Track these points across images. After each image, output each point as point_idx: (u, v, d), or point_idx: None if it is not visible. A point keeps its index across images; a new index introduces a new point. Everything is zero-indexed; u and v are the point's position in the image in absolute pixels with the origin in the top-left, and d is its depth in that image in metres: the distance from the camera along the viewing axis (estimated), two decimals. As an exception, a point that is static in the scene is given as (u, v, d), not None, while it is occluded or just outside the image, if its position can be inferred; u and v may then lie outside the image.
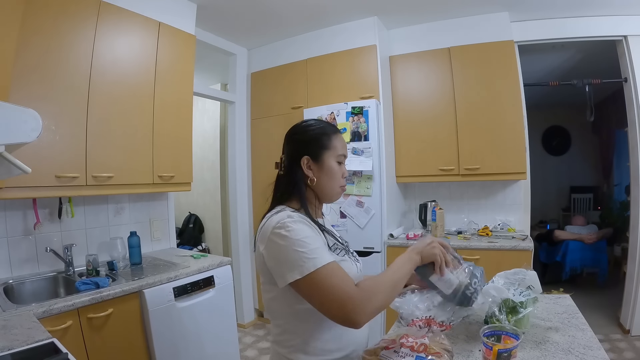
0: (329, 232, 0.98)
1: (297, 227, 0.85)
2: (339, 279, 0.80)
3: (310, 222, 0.91)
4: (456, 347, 0.98)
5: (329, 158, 0.98)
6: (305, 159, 0.97)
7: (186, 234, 4.37)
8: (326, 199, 1.02)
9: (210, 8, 2.59)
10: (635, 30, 2.72)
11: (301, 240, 0.82)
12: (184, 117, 2.35)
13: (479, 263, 2.41)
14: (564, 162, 5.83)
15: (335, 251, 0.93)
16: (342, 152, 1.01)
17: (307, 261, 0.80)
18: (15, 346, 1.04)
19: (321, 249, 0.84)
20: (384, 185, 2.66)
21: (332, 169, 0.98)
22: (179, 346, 1.80)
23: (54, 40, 1.70)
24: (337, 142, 1.00)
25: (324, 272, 0.80)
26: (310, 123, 1.03)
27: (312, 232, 0.87)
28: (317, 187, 0.98)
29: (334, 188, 1.00)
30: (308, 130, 1.01)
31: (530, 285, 1.08)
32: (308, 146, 0.98)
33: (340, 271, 0.83)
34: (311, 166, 0.98)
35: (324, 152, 0.98)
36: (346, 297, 0.78)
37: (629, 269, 2.86)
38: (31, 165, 0.99)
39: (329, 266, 0.82)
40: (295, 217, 0.88)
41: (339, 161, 1.00)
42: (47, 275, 1.85)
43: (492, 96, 2.70)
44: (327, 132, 1.00)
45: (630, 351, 2.53)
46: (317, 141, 0.98)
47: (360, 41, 2.83)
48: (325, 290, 0.80)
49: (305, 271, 0.80)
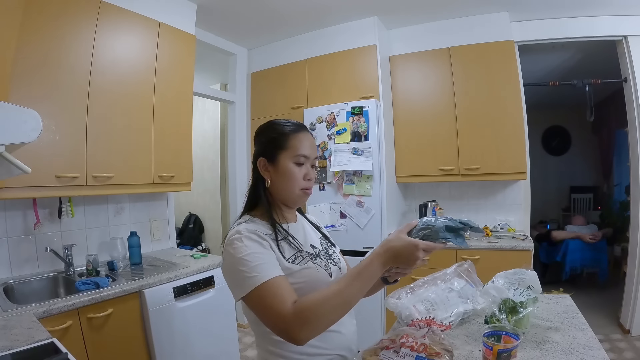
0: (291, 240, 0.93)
1: (242, 244, 0.83)
2: (275, 299, 0.77)
3: (260, 235, 0.87)
4: (456, 347, 0.98)
5: (285, 159, 0.93)
6: (262, 161, 0.95)
7: (186, 234, 4.37)
8: (287, 202, 0.97)
9: (210, 8, 2.59)
10: (635, 30, 2.72)
11: (243, 259, 0.81)
12: (184, 117, 2.35)
13: (479, 263, 2.42)
14: (564, 162, 5.82)
15: (295, 261, 0.89)
16: (303, 152, 0.93)
17: (246, 280, 0.80)
18: (15, 346, 1.04)
19: (263, 265, 0.81)
20: (384, 185, 2.66)
21: (288, 170, 0.92)
22: (179, 346, 1.80)
23: (54, 40, 1.70)
24: (295, 141, 0.94)
25: (262, 290, 0.78)
26: (274, 122, 0.99)
27: (258, 247, 0.84)
28: (274, 190, 0.95)
29: (292, 191, 0.94)
30: (267, 131, 0.98)
31: (530, 285, 1.08)
32: (264, 147, 0.96)
33: (279, 289, 0.79)
34: (268, 167, 0.95)
35: (279, 153, 0.93)
36: (278, 319, 0.76)
37: (629, 269, 2.86)
38: (31, 165, 1.00)
39: (268, 284, 0.79)
40: (243, 232, 0.85)
41: (298, 162, 0.93)
42: (47, 275, 1.85)
43: (492, 96, 2.69)
44: (286, 131, 0.95)
45: (630, 351, 2.53)
46: (273, 141, 0.95)
47: (360, 41, 2.83)
48: (262, 309, 0.79)
49: (246, 289, 0.80)
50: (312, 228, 1.07)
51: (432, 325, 0.99)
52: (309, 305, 0.76)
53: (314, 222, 1.12)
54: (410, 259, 0.80)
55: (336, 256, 1.03)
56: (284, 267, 0.86)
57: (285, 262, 0.87)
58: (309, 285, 0.87)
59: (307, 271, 0.89)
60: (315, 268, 0.91)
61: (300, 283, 0.87)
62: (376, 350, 0.87)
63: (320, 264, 0.94)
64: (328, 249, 1.04)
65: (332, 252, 1.03)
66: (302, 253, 0.93)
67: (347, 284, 0.79)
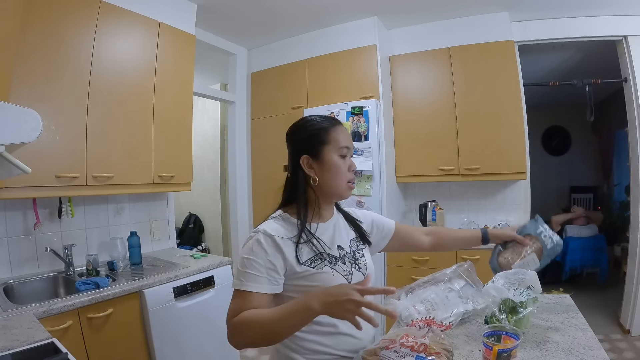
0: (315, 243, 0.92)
1: (251, 246, 0.88)
2: (235, 306, 0.85)
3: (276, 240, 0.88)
4: (456, 347, 0.98)
5: (330, 153, 0.93)
6: (305, 159, 0.94)
7: (186, 234, 4.37)
8: (334, 197, 0.98)
9: (210, 8, 2.59)
10: (635, 30, 2.72)
11: (244, 259, 0.88)
12: (184, 117, 2.35)
13: (479, 263, 2.40)
14: (564, 162, 5.82)
15: (312, 264, 0.90)
16: (345, 144, 0.95)
17: (236, 277, 0.88)
18: (15, 346, 1.04)
19: (251, 276, 0.85)
20: (384, 185, 2.66)
21: (335, 164, 0.93)
22: (179, 346, 1.80)
23: (54, 40, 1.70)
24: (336, 134, 0.95)
25: (235, 294, 0.87)
26: (307, 119, 0.99)
27: (262, 256, 0.87)
28: (322, 187, 0.94)
29: (340, 184, 0.94)
30: (304, 128, 0.97)
31: (530, 285, 1.08)
32: (306, 144, 0.95)
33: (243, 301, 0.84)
34: (312, 165, 0.94)
35: (323, 148, 0.93)
36: (226, 324, 0.86)
37: (629, 269, 2.86)
38: (31, 165, 0.99)
39: (244, 293, 0.85)
40: (260, 235, 0.89)
41: (342, 154, 0.94)
42: (47, 275, 1.85)
43: (492, 96, 2.70)
44: (324, 126, 0.95)
45: (630, 351, 2.53)
46: (314, 137, 0.94)
47: (360, 41, 2.83)
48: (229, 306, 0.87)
49: (234, 285, 0.88)
50: (345, 226, 1.05)
51: (432, 325, 0.99)
52: (239, 323, 0.82)
53: (354, 217, 1.09)
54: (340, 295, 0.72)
55: (363, 261, 1.01)
56: (296, 271, 0.88)
57: (297, 267, 0.88)
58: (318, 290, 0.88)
59: (321, 275, 0.90)
60: (332, 273, 0.91)
61: (313, 286, 0.88)
62: (376, 350, 0.87)
63: (339, 269, 0.93)
64: (356, 252, 1.01)
65: (359, 257, 1.01)
66: (322, 256, 0.92)
67: (280, 318, 0.79)
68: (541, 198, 4.48)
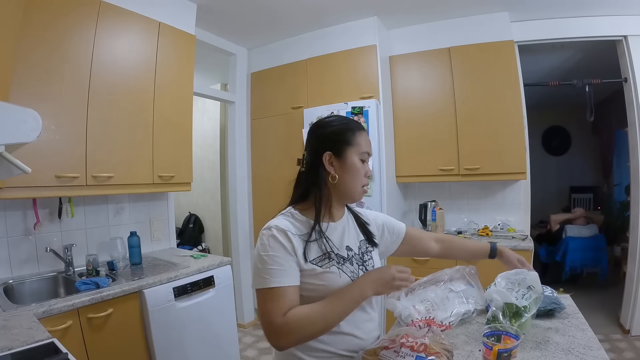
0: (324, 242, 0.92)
1: (267, 242, 0.88)
2: (273, 306, 0.83)
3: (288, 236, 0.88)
4: (456, 347, 0.98)
5: (352, 155, 0.95)
6: (328, 155, 0.94)
7: (186, 234, 4.37)
8: (348, 198, 0.99)
9: (210, 8, 2.59)
10: (635, 30, 2.72)
11: (263, 257, 0.87)
12: (184, 116, 2.35)
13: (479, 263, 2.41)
14: (564, 162, 5.82)
15: (319, 263, 0.90)
16: (366, 149, 0.97)
17: (258, 278, 0.87)
18: (15, 346, 1.04)
19: (277, 271, 0.85)
20: (384, 185, 2.66)
21: (355, 166, 0.94)
22: (179, 346, 1.80)
23: (54, 40, 1.70)
24: (361, 139, 0.96)
25: (265, 294, 0.85)
26: (334, 118, 1.01)
27: (280, 250, 0.87)
28: (339, 186, 0.95)
29: (356, 187, 0.96)
30: (331, 125, 0.98)
31: (531, 285, 1.08)
32: (331, 141, 0.95)
33: (281, 298, 0.84)
34: (333, 162, 0.95)
35: (347, 149, 0.94)
36: (269, 326, 0.84)
37: (629, 269, 2.86)
38: (31, 165, 0.99)
39: (273, 290, 0.84)
40: (273, 230, 0.89)
41: (363, 159, 0.96)
42: (47, 275, 1.85)
43: (492, 96, 2.69)
44: (351, 127, 0.97)
45: (630, 351, 2.53)
46: (340, 136, 0.95)
47: (360, 41, 2.83)
48: (261, 308, 0.87)
49: (255, 285, 0.87)
50: (355, 228, 1.05)
51: (432, 325, 0.99)
52: (295, 320, 0.82)
53: (364, 219, 1.09)
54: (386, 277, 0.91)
55: (371, 264, 1.01)
56: (303, 268, 0.89)
57: (304, 264, 0.89)
58: (327, 289, 0.89)
59: (328, 275, 0.90)
60: (338, 274, 0.91)
61: (319, 285, 0.89)
62: (376, 350, 0.87)
63: (346, 270, 0.93)
64: (365, 254, 1.01)
65: (367, 259, 1.01)
66: (330, 256, 0.93)
67: (331, 307, 0.86)
68: (541, 198, 4.48)
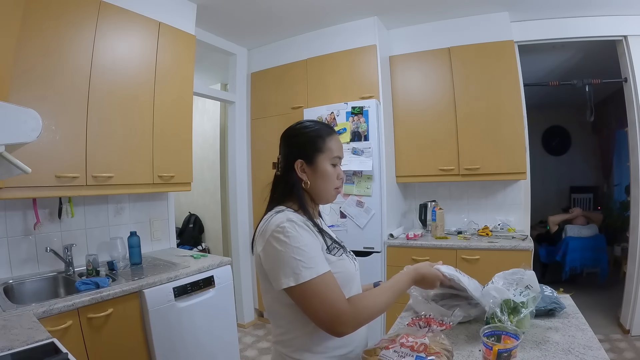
0: (327, 233, 0.98)
1: (297, 233, 0.85)
2: (332, 293, 0.83)
3: (310, 225, 0.91)
4: (456, 347, 0.98)
5: (323, 161, 0.97)
6: (299, 163, 0.97)
7: (186, 234, 4.37)
8: (321, 201, 1.02)
9: (210, 8, 2.59)
10: (635, 30, 2.72)
11: (299, 248, 0.83)
12: (184, 117, 2.35)
13: (479, 263, 2.42)
14: (564, 162, 5.82)
15: (332, 251, 0.93)
16: (337, 154, 1.00)
17: (303, 270, 0.82)
18: (15, 346, 1.04)
19: (318, 258, 0.85)
20: (384, 185, 2.66)
21: (327, 171, 0.97)
22: (179, 346, 1.80)
23: (54, 40, 1.70)
24: (332, 144, 0.99)
25: (319, 283, 0.82)
26: (305, 125, 1.02)
27: (311, 238, 0.87)
28: (311, 190, 0.98)
29: (328, 191, 0.99)
30: (302, 133, 1.00)
31: (528, 284, 1.08)
32: (302, 149, 0.97)
33: (334, 284, 0.84)
34: (305, 169, 0.97)
35: (318, 155, 0.97)
36: (337, 313, 0.82)
37: (629, 269, 2.86)
38: (31, 165, 0.99)
39: (324, 277, 0.83)
40: (296, 220, 0.87)
41: (334, 163, 0.99)
42: (47, 275, 1.85)
43: (492, 96, 2.69)
44: (321, 134, 0.99)
45: (630, 351, 2.53)
46: (311, 144, 0.97)
47: (360, 41, 2.83)
48: (318, 301, 0.82)
49: (301, 279, 0.82)
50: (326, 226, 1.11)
51: (432, 325, 0.99)
52: (365, 306, 0.86)
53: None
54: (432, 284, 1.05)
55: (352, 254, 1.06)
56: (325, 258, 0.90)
57: (324, 253, 0.90)
58: (343, 276, 0.91)
59: (342, 262, 0.94)
60: (348, 260, 0.97)
61: (336, 273, 0.89)
62: (376, 350, 0.87)
63: (350, 257, 1.00)
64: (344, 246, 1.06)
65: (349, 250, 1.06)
66: (339, 244, 0.98)
67: (387, 294, 0.92)
68: (541, 198, 4.49)
